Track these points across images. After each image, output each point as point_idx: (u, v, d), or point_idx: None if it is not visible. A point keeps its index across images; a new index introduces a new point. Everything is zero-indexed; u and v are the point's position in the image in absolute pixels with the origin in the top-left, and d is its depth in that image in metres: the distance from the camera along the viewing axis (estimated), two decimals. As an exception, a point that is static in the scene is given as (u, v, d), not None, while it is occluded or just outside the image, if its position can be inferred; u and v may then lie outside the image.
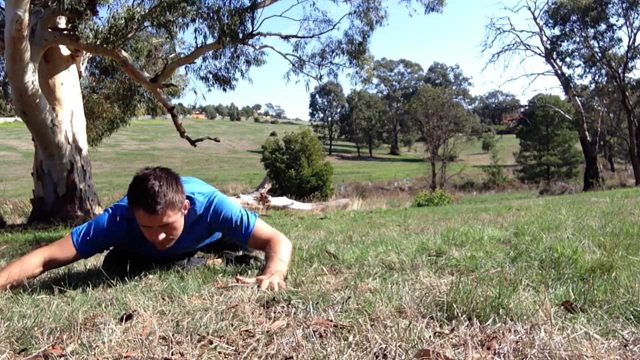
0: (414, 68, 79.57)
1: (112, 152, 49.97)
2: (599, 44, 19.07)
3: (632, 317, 1.18)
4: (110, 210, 2.01)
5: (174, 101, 12.08)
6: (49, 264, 1.93)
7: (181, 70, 10.56)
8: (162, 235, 1.83)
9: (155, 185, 1.77)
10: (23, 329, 1.24)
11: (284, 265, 1.82)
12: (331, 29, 10.14)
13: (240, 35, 7.80)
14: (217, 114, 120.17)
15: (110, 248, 2.22)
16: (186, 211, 1.94)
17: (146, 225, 1.82)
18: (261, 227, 2.04)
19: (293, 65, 10.63)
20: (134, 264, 2.08)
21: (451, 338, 1.08)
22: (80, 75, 7.82)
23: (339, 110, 77.25)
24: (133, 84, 10.43)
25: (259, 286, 1.60)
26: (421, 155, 47.55)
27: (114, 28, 6.72)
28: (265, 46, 9.83)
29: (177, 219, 1.86)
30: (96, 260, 2.57)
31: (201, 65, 10.01)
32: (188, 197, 1.97)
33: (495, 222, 3.63)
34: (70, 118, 7.02)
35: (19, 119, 7.71)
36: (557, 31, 20.22)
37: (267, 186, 9.97)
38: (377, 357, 1.00)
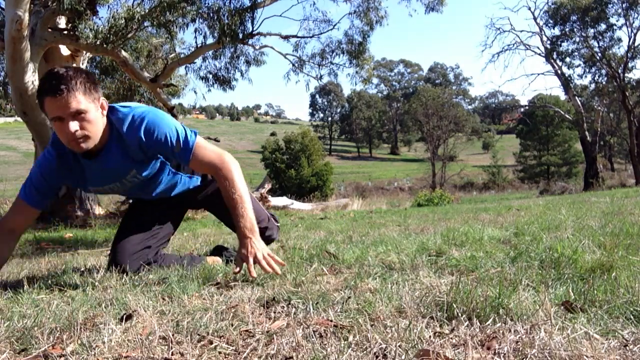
0: (414, 68, 79.61)
1: (112, 152, 49.94)
2: (599, 44, 19.10)
3: (632, 317, 1.18)
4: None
5: (174, 101, 12.07)
6: (14, 232, 1.88)
7: (181, 70, 10.57)
8: (74, 125, 1.61)
9: (60, 70, 1.62)
10: (23, 329, 1.24)
11: (250, 211, 1.75)
12: (331, 29, 10.16)
13: (240, 35, 7.80)
14: (217, 114, 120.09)
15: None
16: (104, 111, 1.74)
17: (57, 117, 1.62)
18: (203, 147, 1.83)
19: (293, 65, 10.64)
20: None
21: (451, 338, 1.08)
22: (80, 75, 7.82)
23: (339, 110, 77.29)
24: (133, 84, 10.43)
25: (245, 262, 1.66)
26: (421, 155, 47.58)
27: (114, 28, 6.72)
28: (265, 46, 9.84)
29: (90, 110, 1.65)
30: (96, 260, 2.57)
31: (201, 65, 10.02)
32: (111, 108, 1.80)
33: (495, 222, 3.63)
34: (70, 118, 7.02)
35: (19, 119, 7.71)
36: (557, 31, 20.26)
37: (267, 186, 9.96)
38: (377, 357, 1.00)
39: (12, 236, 1.89)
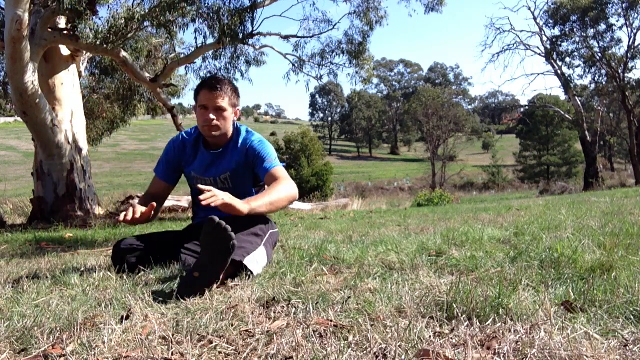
0: (414, 68, 79.60)
1: (112, 152, 49.95)
2: (599, 44, 19.10)
3: (632, 317, 1.18)
4: None
5: (174, 101, 12.08)
6: (155, 197, 2.23)
7: (181, 70, 10.56)
8: (213, 115, 2.12)
9: (220, 77, 2.23)
10: (23, 329, 1.24)
11: (261, 202, 1.96)
12: (331, 29, 10.15)
13: (240, 36, 7.80)
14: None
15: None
16: (236, 117, 2.24)
17: (203, 105, 2.12)
18: (280, 170, 2.20)
19: (293, 65, 10.63)
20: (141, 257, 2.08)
21: (451, 338, 1.08)
22: (80, 75, 7.82)
23: (339, 110, 77.25)
24: (133, 84, 10.42)
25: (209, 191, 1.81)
26: (421, 155, 47.56)
27: (114, 28, 6.72)
28: (265, 46, 9.84)
29: (227, 109, 2.15)
30: (96, 261, 2.57)
31: (201, 66, 10.00)
32: (242, 127, 2.29)
33: (495, 222, 3.63)
34: (70, 118, 7.01)
35: (19, 119, 7.70)
36: (557, 31, 20.25)
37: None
38: (377, 357, 1.00)
39: (157, 199, 2.18)
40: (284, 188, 2.06)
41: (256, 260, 1.88)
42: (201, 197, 1.77)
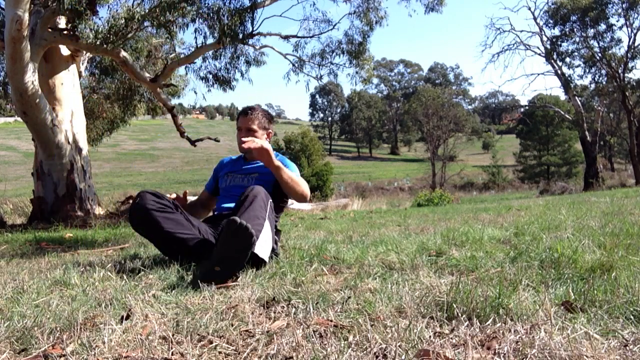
0: (414, 68, 79.57)
1: (112, 152, 49.94)
2: (599, 44, 19.08)
3: (632, 317, 1.18)
4: None
5: (174, 101, 12.03)
6: (203, 203, 2.75)
7: (181, 70, 10.54)
8: (244, 137, 2.40)
9: (256, 105, 2.67)
10: (23, 329, 1.24)
11: (287, 170, 2.32)
12: (331, 29, 10.13)
13: (240, 36, 7.79)
14: (217, 114, 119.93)
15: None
16: (269, 139, 2.62)
17: (239, 127, 2.57)
18: (299, 174, 2.54)
19: (293, 65, 10.62)
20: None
21: (451, 338, 1.08)
22: (80, 75, 7.81)
23: (339, 110, 77.25)
24: (133, 84, 10.41)
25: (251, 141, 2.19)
26: (421, 155, 47.56)
27: (114, 28, 6.71)
28: (265, 46, 9.82)
29: (258, 131, 2.55)
30: (96, 261, 2.57)
31: (201, 66, 9.98)
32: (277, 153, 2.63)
33: (495, 222, 3.63)
34: (70, 118, 7.01)
35: (19, 119, 7.70)
36: (557, 31, 20.23)
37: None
38: (377, 357, 1.00)
39: (203, 206, 2.77)
40: (303, 183, 2.44)
41: (265, 240, 2.04)
42: (244, 145, 2.17)
